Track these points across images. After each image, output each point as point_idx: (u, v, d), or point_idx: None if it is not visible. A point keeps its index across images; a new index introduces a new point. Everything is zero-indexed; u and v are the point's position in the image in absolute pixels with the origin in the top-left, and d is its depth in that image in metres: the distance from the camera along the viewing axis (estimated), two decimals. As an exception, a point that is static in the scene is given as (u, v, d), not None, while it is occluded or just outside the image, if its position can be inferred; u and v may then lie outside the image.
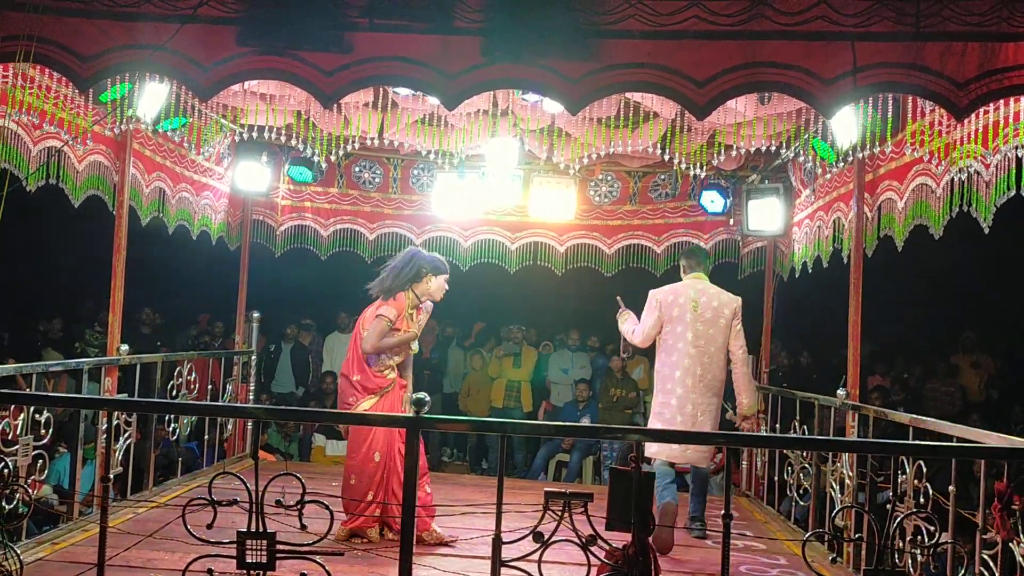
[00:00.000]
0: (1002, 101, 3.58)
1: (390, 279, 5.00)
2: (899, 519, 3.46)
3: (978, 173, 3.94)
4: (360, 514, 4.87)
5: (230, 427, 7.29)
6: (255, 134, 5.91)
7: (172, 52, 3.70)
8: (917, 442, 4.50)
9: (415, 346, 5.20)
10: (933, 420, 4.55)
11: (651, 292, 5.53)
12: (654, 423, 5.46)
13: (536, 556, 3.16)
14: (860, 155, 5.01)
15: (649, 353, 9.70)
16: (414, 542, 3.27)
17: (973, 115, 3.63)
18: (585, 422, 8.71)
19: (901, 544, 4.18)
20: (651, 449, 5.24)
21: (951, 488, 4.04)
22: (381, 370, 5.02)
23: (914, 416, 4.74)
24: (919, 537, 4.16)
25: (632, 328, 5.60)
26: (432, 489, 5.13)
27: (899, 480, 4.33)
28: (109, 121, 5.21)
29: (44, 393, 6.02)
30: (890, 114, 4.27)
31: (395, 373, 5.08)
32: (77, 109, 5.03)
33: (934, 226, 4.53)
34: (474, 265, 7.90)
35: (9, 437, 4.42)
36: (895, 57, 3.49)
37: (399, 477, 4.75)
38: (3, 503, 3.83)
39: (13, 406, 4.47)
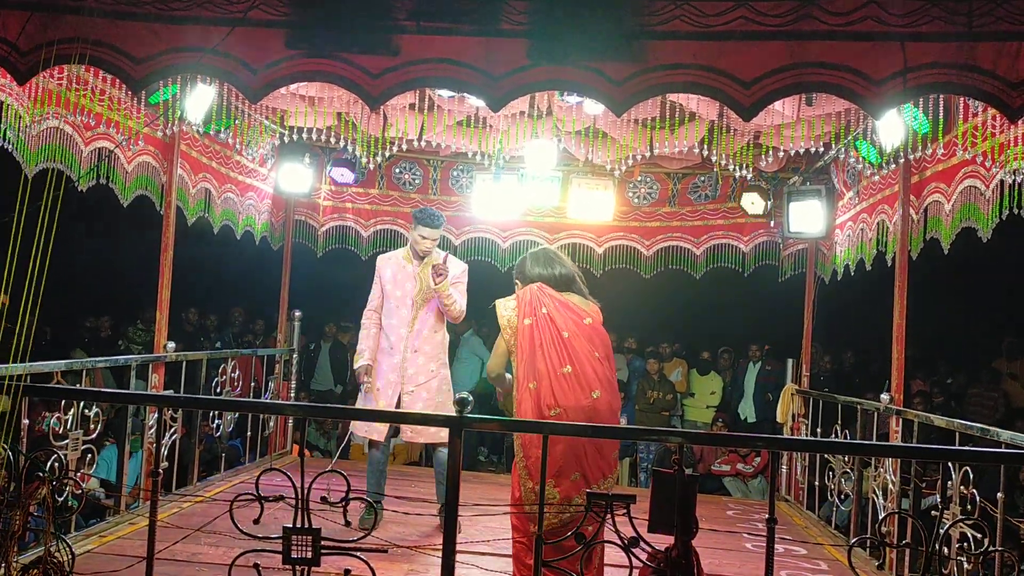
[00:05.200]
0: (1057, 102, 3.52)
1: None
2: (946, 526, 3.42)
3: (1030, 175, 3.88)
4: None
5: (272, 424, 7.39)
6: (299, 136, 5.98)
7: (223, 55, 3.75)
8: (963, 448, 4.43)
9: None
10: (979, 425, 4.47)
11: None
12: None
13: (578, 557, 3.16)
14: (909, 157, 4.94)
15: (689, 356, 9.73)
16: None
17: (1026, 116, 3.57)
18: (621, 423, 8.69)
19: (947, 551, 4.13)
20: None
21: (999, 495, 3.97)
22: None
23: (961, 421, 4.66)
24: (966, 544, 4.10)
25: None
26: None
27: (946, 486, 4.28)
28: (161, 123, 5.31)
29: (97, 389, 6.15)
30: (940, 115, 4.21)
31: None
32: (128, 111, 5.14)
33: (982, 229, 4.46)
34: (512, 266, 7.91)
35: (59, 432, 4.52)
36: (946, 57, 3.43)
37: None
38: (55, 496, 3.91)
39: (63, 401, 4.58)
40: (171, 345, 5.65)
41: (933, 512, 3.63)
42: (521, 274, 4.14)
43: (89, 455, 4.69)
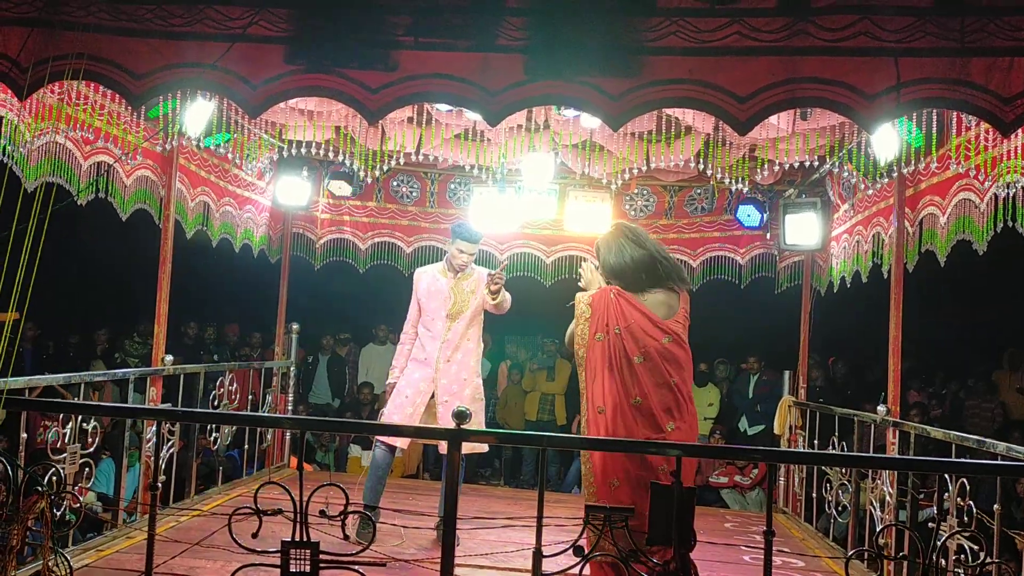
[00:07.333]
0: (1049, 116, 3.55)
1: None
2: (943, 538, 3.42)
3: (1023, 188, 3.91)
4: None
5: (269, 437, 7.38)
6: (299, 150, 6.01)
7: (222, 70, 3.77)
8: (960, 460, 4.44)
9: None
10: (975, 437, 4.49)
11: None
12: None
13: (576, 570, 3.17)
14: (904, 170, 4.97)
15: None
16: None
17: (1019, 130, 3.60)
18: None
19: (944, 563, 4.13)
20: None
21: (996, 507, 3.98)
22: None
23: (957, 433, 4.68)
24: (963, 556, 4.11)
25: None
26: None
27: (942, 498, 4.29)
28: (160, 138, 5.34)
29: (94, 403, 6.15)
30: (934, 129, 4.25)
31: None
32: (127, 125, 5.17)
33: (977, 241, 4.49)
34: (510, 278, 7.90)
35: (57, 445, 4.52)
36: (939, 72, 3.46)
37: None
38: (53, 510, 3.91)
39: (62, 415, 4.58)
40: (169, 358, 5.66)
41: (930, 524, 3.64)
42: (598, 258, 4.12)
43: (87, 469, 4.69)
